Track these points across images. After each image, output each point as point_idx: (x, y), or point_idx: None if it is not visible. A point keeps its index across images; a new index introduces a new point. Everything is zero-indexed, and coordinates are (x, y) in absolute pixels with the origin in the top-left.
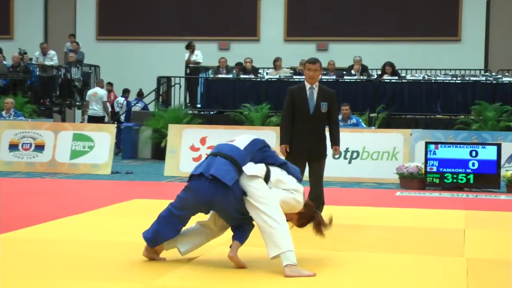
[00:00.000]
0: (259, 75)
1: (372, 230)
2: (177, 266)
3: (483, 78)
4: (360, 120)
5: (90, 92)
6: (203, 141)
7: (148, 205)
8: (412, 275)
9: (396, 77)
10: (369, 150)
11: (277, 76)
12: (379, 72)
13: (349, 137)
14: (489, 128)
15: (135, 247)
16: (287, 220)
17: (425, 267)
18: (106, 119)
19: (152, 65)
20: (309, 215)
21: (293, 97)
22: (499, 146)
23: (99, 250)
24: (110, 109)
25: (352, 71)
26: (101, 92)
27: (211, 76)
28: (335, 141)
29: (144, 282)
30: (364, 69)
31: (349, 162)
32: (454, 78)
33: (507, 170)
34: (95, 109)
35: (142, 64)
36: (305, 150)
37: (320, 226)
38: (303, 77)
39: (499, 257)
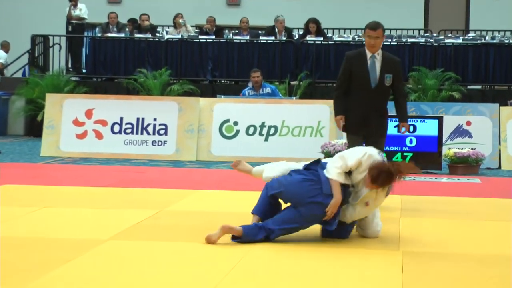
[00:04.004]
0: (157, 34)
1: None
2: (58, 265)
3: (423, 40)
4: (276, 88)
5: None
6: (88, 114)
7: (21, 192)
8: (341, 272)
9: (321, 38)
10: (289, 125)
11: (179, 36)
12: (301, 32)
13: (264, 110)
14: (429, 99)
15: (6, 242)
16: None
17: (356, 262)
18: None
19: (25, 21)
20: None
21: (351, 64)
22: (440, 120)
23: None
24: None
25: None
26: (3, 55)
27: (99, 35)
28: (403, 117)
29: (17, 285)
30: (289, 33)
31: (266, 139)
32: (389, 40)
33: (449, 148)
34: None
35: (12, 20)
36: (362, 126)
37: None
38: (211, 37)
39: (437, 250)
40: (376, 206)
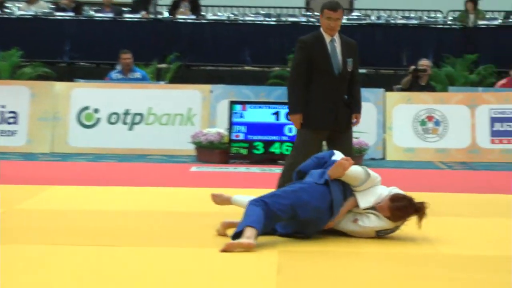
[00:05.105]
0: (6, 10)
1: (157, 217)
2: None
3: (304, 19)
4: (147, 75)
5: None
6: None
7: None
8: (212, 274)
9: (194, 16)
10: (156, 113)
11: (32, 13)
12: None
13: (129, 96)
14: None
15: None
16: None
17: (228, 263)
18: None
19: None
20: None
21: (309, 51)
22: None
23: None
24: None
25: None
26: None
27: None
28: (357, 107)
29: None
30: None
31: (130, 129)
32: (268, 19)
33: None
34: None
35: None
36: (331, 120)
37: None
38: (69, 14)
39: (315, 248)
40: (362, 233)
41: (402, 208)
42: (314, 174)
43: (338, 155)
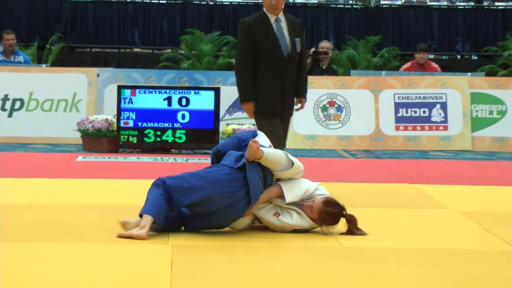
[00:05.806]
0: None
1: (40, 211)
2: None
3: None
4: (30, 60)
5: None
6: None
7: None
8: (102, 270)
9: None
10: (38, 98)
11: None
12: None
13: (8, 79)
14: (204, 67)
15: None
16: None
17: (119, 258)
18: None
19: None
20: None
21: (254, 33)
22: (217, 91)
23: None
24: None
25: None
26: None
27: None
28: (303, 91)
29: None
30: None
31: (10, 115)
32: None
33: (227, 124)
34: None
35: None
36: (281, 105)
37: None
38: None
39: (207, 242)
40: (280, 227)
41: (333, 215)
42: (232, 156)
43: (261, 136)
